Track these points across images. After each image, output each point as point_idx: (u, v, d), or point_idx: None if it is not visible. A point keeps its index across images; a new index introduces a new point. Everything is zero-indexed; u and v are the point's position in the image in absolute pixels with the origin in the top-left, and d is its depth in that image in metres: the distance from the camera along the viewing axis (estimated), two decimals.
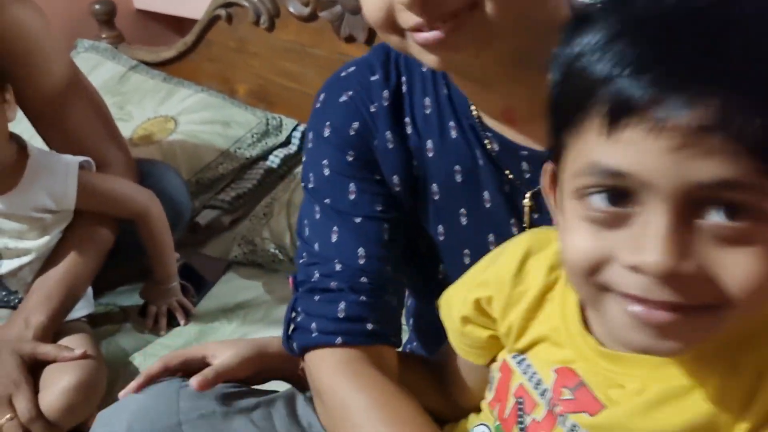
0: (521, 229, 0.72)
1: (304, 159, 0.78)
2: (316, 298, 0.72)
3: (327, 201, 0.73)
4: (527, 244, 0.62)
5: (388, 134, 0.73)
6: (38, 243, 1.16)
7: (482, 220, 0.73)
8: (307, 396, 0.79)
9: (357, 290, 0.70)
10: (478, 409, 0.70)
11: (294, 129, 1.70)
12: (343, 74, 0.77)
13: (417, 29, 0.59)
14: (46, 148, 1.23)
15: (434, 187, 0.74)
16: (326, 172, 0.74)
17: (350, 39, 1.52)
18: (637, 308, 0.44)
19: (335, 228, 0.72)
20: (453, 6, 0.57)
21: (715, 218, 0.43)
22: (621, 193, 0.44)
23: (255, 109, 1.75)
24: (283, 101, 1.74)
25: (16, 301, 1.19)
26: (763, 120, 0.40)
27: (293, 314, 0.74)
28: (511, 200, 0.72)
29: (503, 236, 0.70)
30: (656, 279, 0.43)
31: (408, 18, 0.59)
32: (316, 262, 0.73)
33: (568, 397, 0.56)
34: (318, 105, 0.77)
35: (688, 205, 0.43)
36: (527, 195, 0.71)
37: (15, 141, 1.15)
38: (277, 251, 1.41)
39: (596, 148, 0.45)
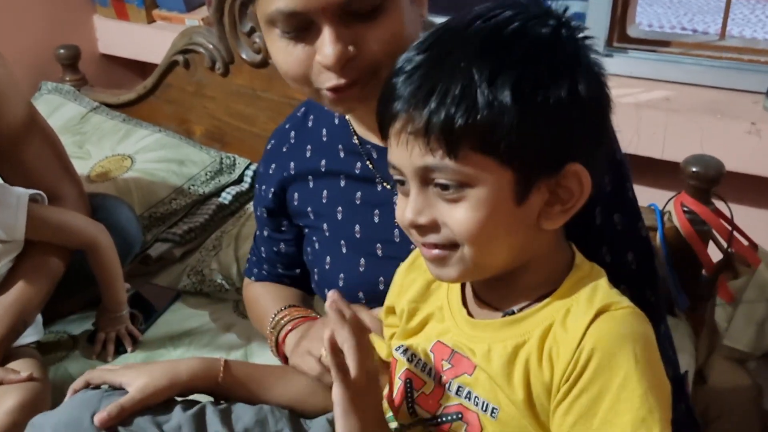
0: (387, 220, 0.92)
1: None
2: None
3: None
4: (418, 251, 0.77)
5: (292, 164, 1.01)
6: None
7: (352, 215, 0.95)
8: (217, 408, 0.85)
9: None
10: None
11: (246, 167, 1.79)
12: (279, 127, 1.06)
13: (332, 89, 0.78)
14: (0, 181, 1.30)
15: (324, 193, 0.98)
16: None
17: None
18: (423, 250, 0.68)
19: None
20: (362, 70, 0.77)
21: (437, 188, 0.64)
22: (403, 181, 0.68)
23: (210, 148, 1.82)
24: (237, 141, 1.83)
25: None
26: (436, 129, 0.62)
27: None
28: (380, 197, 0.94)
29: (365, 226, 0.94)
30: (418, 231, 0.67)
31: (326, 79, 0.78)
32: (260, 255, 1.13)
33: (448, 366, 0.70)
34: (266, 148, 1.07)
35: (424, 180, 0.65)
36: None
37: None
38: (223, 281, 1.48)
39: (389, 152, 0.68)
